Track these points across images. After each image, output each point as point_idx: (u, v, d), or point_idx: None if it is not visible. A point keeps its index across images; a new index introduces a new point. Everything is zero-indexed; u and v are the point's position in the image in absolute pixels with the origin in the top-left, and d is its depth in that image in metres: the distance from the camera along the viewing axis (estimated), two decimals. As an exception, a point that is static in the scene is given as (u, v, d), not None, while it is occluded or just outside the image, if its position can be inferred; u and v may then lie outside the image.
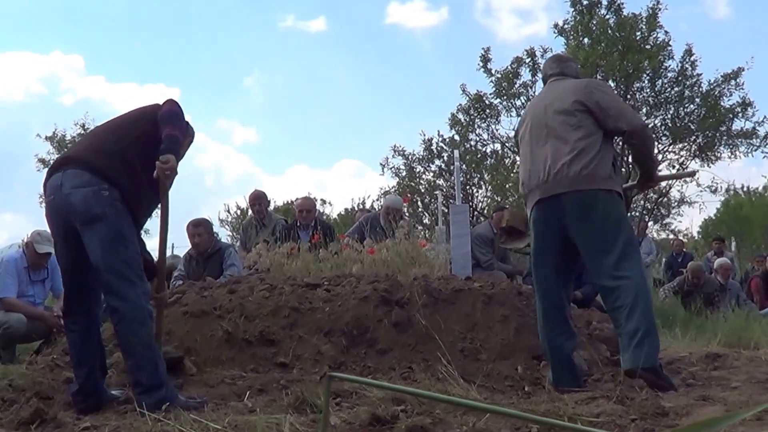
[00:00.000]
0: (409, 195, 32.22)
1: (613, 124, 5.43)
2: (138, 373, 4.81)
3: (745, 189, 42.11)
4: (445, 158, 32.71)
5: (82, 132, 34.72)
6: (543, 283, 5.67)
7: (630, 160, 19.06)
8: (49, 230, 5.43)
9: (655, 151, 6.17)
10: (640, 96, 27.63)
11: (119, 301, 4.86)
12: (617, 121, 5.45)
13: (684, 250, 18.74)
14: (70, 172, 5.04)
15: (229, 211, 41.54)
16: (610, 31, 26.85)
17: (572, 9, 27.59)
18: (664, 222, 30.72)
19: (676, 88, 27.20)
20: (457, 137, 31.33)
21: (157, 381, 4.79)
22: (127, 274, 4.91)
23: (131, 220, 5.11)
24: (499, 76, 28.70)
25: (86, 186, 4.94)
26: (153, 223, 39.28)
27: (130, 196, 5.11)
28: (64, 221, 5.04)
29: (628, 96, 27.12)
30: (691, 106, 27.39)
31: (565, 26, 28.05)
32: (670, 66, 27.19)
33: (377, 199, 35.58)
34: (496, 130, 30.36)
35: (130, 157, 5.13)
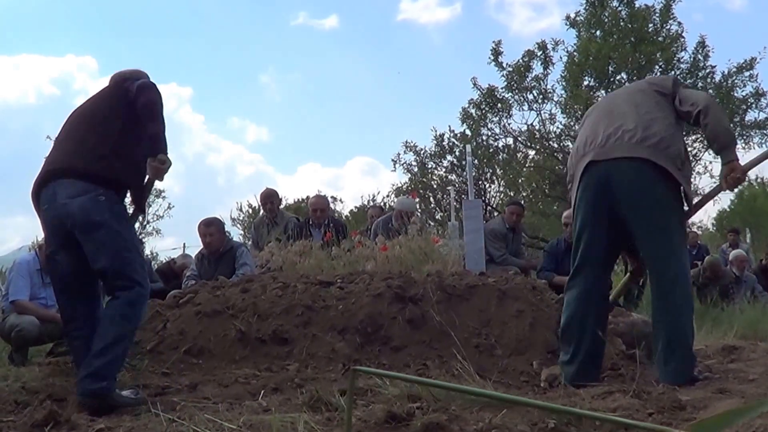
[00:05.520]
0: (420, 191, 32.22)
1: (687, 106, 5.28)
2: (96, 359, 4.81)
3: (759, 180, 41.98)
4: (457, 153, 32.71)
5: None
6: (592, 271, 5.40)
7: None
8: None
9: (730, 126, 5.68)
10: (653, 88, 27.52)
11: (116, 298, 4.98)
12: (690, 99, 5.35)
13: (699, 242, 18.63)
14: (62, 182, 5.09)
15: (241, 210, 41.63)
16: (622, 23, 26.81)
17: (584, 1, 27.55)
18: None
19: (689, 80, 27.10)
20: (468, 132, 31.31)
21: (106, 372, 4.80)
22: (129, 273, 5.01)
23: (127, 220, 5.26)
24: (510, 69, 28.65)
25: (81, 194, 5.02)
26: (163, 223, 39.29)
27: (135, 181, 5.29)
28: (61, 230, 5.10)
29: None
30: (704, 97, 27.29)
31: (577, 19, 28.02)
32: (683, 57, 27.13)
33: (387, 195, 35.62)
34: (508, 125, 30.35)
35: (123, 151, 5.20)
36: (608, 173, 5.17)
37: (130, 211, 5.48)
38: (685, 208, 5.29)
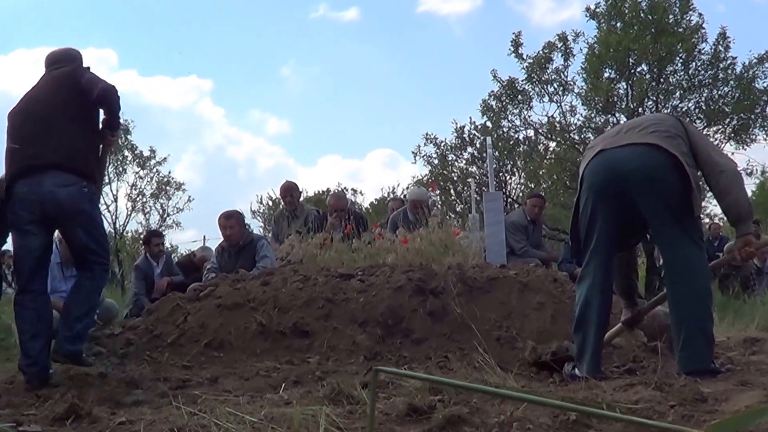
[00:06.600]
0: (441, 183, 32.20)
1: (712, 155, 5.20)
2: (78, 322, 5.74)
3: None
4: (478, 145, 32.69)
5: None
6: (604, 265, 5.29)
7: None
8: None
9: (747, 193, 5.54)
10: (674, 79, 27.47)
11: (90, 271, 5.90)
12: (719, 154, 5.33)
13: (720, 233, 18.51)
14: (49, 173, 5.73)
15: (261, 203, 41.72)
16: (642, 15, 26.67)
17: (605, -8, 27.46)
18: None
19: (709, 71, 26.98)
20: (489, 124, 31.24)
21: (84, 335, 5.93)
22: (100, 252, 5.96)
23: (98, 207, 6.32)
24: (531, 61, 28.57)
25: (69, 185, 5.75)
26: (183, 216, 39.34)
27: (101, 173, 6.23)
28: (41, 213, 5.72)
29: (662, 80, 26.96)
30: (725, 88, 27.20)
31: (598, 10, 27.89)
32: (703, 49, 26.98)
33: (408, 187, 35.63)
34: (529, 117, 30.26)
35: (96, 148, 6.09)
36: (616, 157, 5.11)
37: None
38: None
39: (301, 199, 12.30)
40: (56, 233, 6.17)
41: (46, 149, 5.76)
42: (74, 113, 5.89)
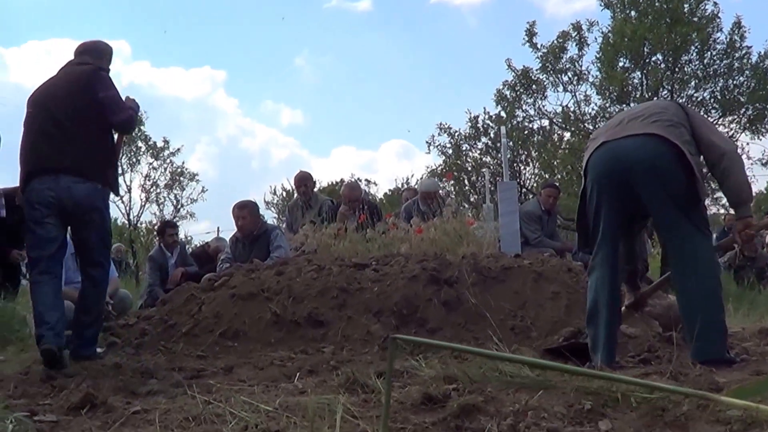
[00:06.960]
0: (455, 173, 32.19)
1: (710, 138, 5.20)
2: (87, 330, 6.07)
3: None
4: (492, 135, 32.62)
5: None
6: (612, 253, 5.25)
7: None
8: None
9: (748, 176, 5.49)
10: (689, 69, 27.35)
11: (96, 272, 6.14)
12: (719, 135, 5.31)
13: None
14: (63, 176, 5.91)
15: (275, 193, 41.75)
16: (657, 4, 26.57)
17: (620, -19, 27.37)
18: (715, 197, 30.17)
19: (725, 61, 26.87)
20: (503, 114, 31.19)
21: (95, 339, 6.21)
22: (105, 253, 6.30)
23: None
24: (545, 50, 28.50)
25: (86, 183, 5.95)
26: (197, 207, 39.33)
27: (116, 179, 6.37)
28: (58, 208, 5.90)
29: (677, 69, 26.85)
30: (741, 78, 27.06)
31: (612, -1, 27.80)
32: (718, 38, 26.87)
33: (422, 178, 35.60)
34: (543, 106, 30.20)
35: (113, 158, 6.36)
36: (619, 148, 5.07)
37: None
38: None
39: (315, 189, 12.30)
40: None
41: (58, 152, 5.93)
42: (85, 118, 6.01)
